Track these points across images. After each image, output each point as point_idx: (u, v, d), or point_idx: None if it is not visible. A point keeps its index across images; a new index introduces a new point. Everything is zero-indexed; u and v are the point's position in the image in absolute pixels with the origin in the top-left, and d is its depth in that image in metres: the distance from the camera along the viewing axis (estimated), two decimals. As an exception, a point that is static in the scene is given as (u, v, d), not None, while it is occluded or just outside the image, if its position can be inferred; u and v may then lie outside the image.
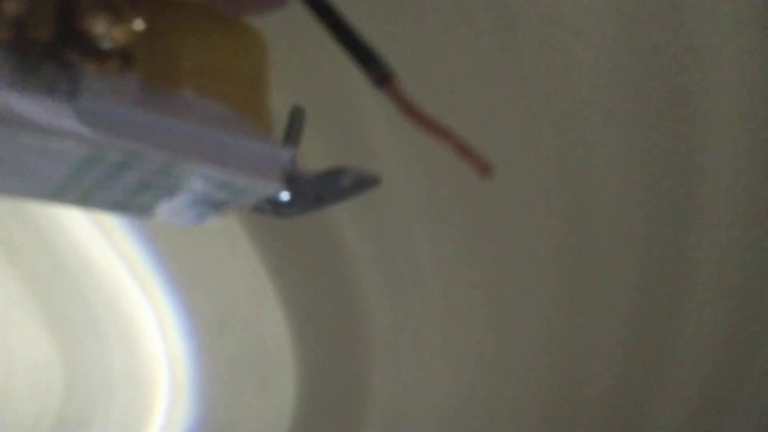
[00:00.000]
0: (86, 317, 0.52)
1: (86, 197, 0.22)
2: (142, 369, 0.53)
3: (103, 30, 0.18)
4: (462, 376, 0.58)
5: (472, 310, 0.56)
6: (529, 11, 0.44)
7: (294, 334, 0.54)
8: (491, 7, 0.43)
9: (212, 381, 0.54)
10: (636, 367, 0.60)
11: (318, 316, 0.55)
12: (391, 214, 0.51)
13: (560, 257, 0.55)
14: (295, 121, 0.24)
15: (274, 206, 0.24)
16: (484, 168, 0.19)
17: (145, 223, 0.48)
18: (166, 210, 0.23)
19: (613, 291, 0.56)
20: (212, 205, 0.23)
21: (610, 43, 0.45)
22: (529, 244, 0.54)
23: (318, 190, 0.24)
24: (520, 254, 0.54)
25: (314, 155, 0.47)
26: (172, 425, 0.54)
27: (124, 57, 0.19)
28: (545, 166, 0.50)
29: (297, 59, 0.34)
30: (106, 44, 0.18)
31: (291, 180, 0.23)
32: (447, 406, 0.59)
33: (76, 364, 0.52)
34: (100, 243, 0.50)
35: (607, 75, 0.46)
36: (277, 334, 0.54)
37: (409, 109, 0.19)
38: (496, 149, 0.49)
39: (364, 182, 0.23)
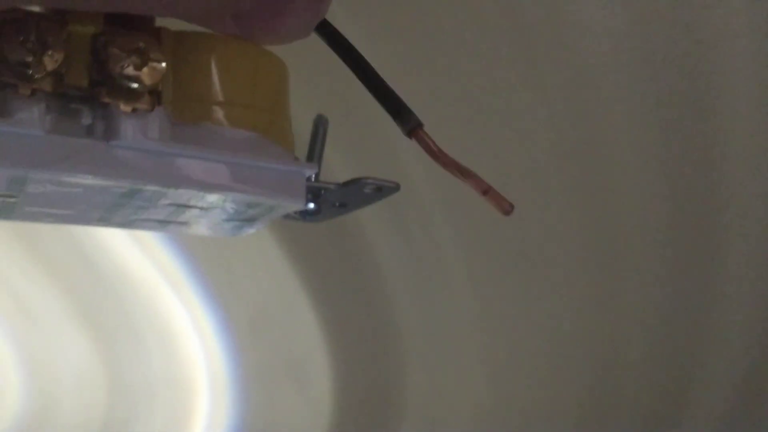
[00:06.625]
0: (126, 325, 0.53)
1: (129, 222, 0.24)
2: (182, 373, 0.55)
3: (132, 72, 0.19)
4: (494, 375, 0.59)
5: (502, 310, 0.57)
6: (541, 15, 0.44)
7: (326, 335, 0.55)
8: (504, 12, 0.44)
9: (250, 382, 0.56)
10: (671, 365, 0.60)
11: (349, 318, 0.56)
12: (416, 216, 0.52)
13: (589, 254, 0.55)
14: (320, 128, 0.26)
15: (302, 214, 0.26)
16: (507, 208, 0.21)
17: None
18: (203, 225, 0.24)
19: (643, 287, 0.56)
20: (245, 220, 0.24)
21: (625, 41, 0.46)
22: (556, 242, 0.54)
23: (342, 198, 0.25)
24: (547, 254, 0.55)
25: (338, 159, 0.48)
26: (213, 427, 0.56)
27: (153, 94, 0.20)
28: (568, 163, 0.51)
29: (318, 67, 0.35)
30: (136, 85, 0.19)
31: (315, 192, 0.24)
32: (481, 405, 0.59)
33: (118, 371, 0.53)
34: (135, 253, 0.52)
35: (624, 72, 0.47)
36: (309, 336, 0.55)
37: (437, 155, 0.21)
38: (518, 149, 0.50)
39: (385, 189, 0.25)
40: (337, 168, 0.40)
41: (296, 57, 0.24)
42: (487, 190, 0.21)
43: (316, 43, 0.25)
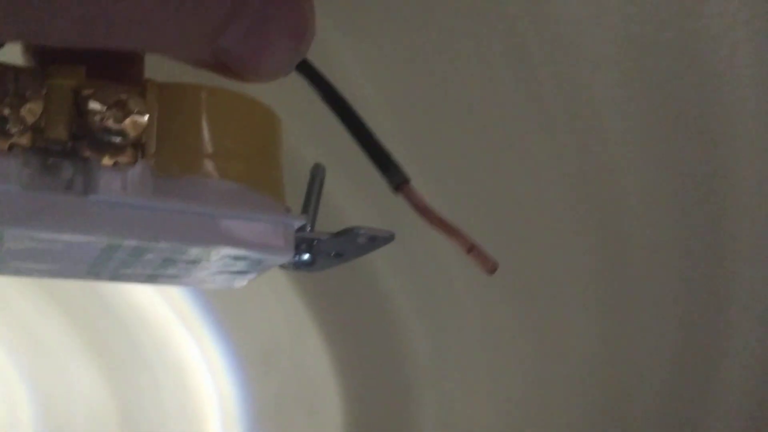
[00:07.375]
0: (138, 360, 0.54)
1: (117, 276, 0.23)
2: (193, 407, 0.55)
3: (113, 126, 0.19)
4: (507, 399, 0.58)
5: (511, 332, 0.56)
6: (541, 40, 0.44)
7: (336, 366, 0.55)
8: (504, 37, 0.44)
9: (262, 415, 0.56)
10: (683, 382, 0.59)
11: (359, 348, 0.56)
12: (424, 246, 0.52)
13: (598, 275, 0.55)
14: (316, 178, 0.26)
15: (296, 265, 0.26)
16: (491, 267, 0.21)
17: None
18: (193, 279, 0.24)
19: (653, 307, 0.56)
20: (235, 272, 0.23)
21: (630, 73, 0.46)
22: (565, 264, 0.54)
23: (337, 248, 0.25)
24: (556, 275, 0.55)
25: (343, 194, 0.48)
26: (225, 460, 0.56)
27: (137, 147, 0.20)
28: (573, 187, 0.51)
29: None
30: (118, 139, 0.19)
31: (309, 242, 0.24)
32: (494, 429, 0.59)
33: (131, 406, 0.54)
34: (147, 290, 0.52)
35: (629, 104, 0.47)
36: (320, 367, 0.55)
37: (423, 211, 0.21)
38: (523, 170, 0.50)
39: (379, 239, 0.25)
40: (348, 211, 0.40)
41: (301, 99, 0.24)
42: (471, 248, 0.21)
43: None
